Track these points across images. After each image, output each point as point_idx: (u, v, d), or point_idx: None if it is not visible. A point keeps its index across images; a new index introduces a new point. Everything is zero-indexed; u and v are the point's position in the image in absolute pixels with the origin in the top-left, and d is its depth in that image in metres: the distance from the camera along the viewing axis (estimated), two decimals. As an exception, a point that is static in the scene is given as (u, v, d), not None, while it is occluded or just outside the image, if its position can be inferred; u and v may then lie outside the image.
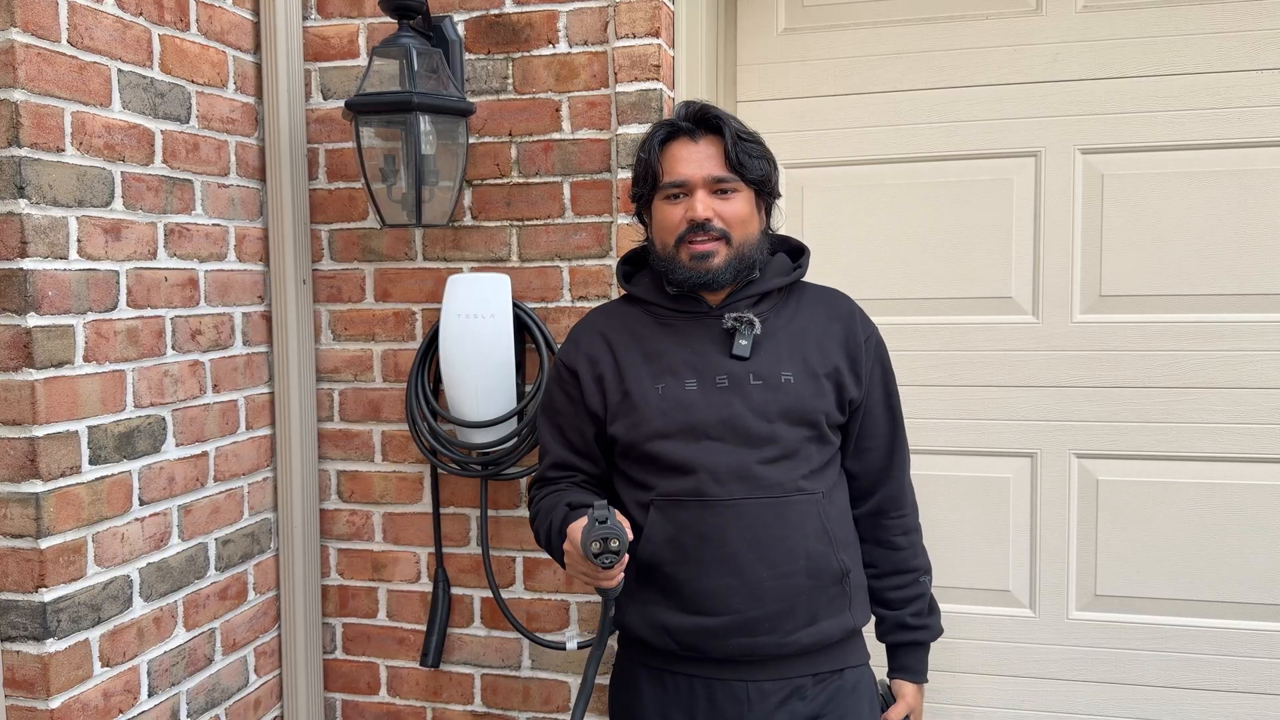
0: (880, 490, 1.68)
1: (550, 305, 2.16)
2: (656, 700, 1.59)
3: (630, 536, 1.43)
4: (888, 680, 1.73)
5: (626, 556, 1.45)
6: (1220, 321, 2.11)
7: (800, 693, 1.55)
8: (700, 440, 1.53)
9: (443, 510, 2.27)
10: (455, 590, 2.28)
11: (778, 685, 1.54)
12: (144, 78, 1.86)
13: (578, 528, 1.47)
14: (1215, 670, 2.16)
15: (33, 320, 1.63)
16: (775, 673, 1.54)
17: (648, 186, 1.60)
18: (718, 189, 1.55)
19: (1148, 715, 2.19)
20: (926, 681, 1.74)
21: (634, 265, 1.74)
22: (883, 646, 1.75)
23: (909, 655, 1.72)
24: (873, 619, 1.71)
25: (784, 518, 1.51)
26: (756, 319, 1.56)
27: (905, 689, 1.71)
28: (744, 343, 1.54)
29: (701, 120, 1.57)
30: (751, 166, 1.55)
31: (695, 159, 1.55)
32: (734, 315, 1.56)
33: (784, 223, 1.72)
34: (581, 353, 1.66)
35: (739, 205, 1.56)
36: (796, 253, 1.70)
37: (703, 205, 1.53)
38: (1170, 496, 2.16)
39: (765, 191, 1.60)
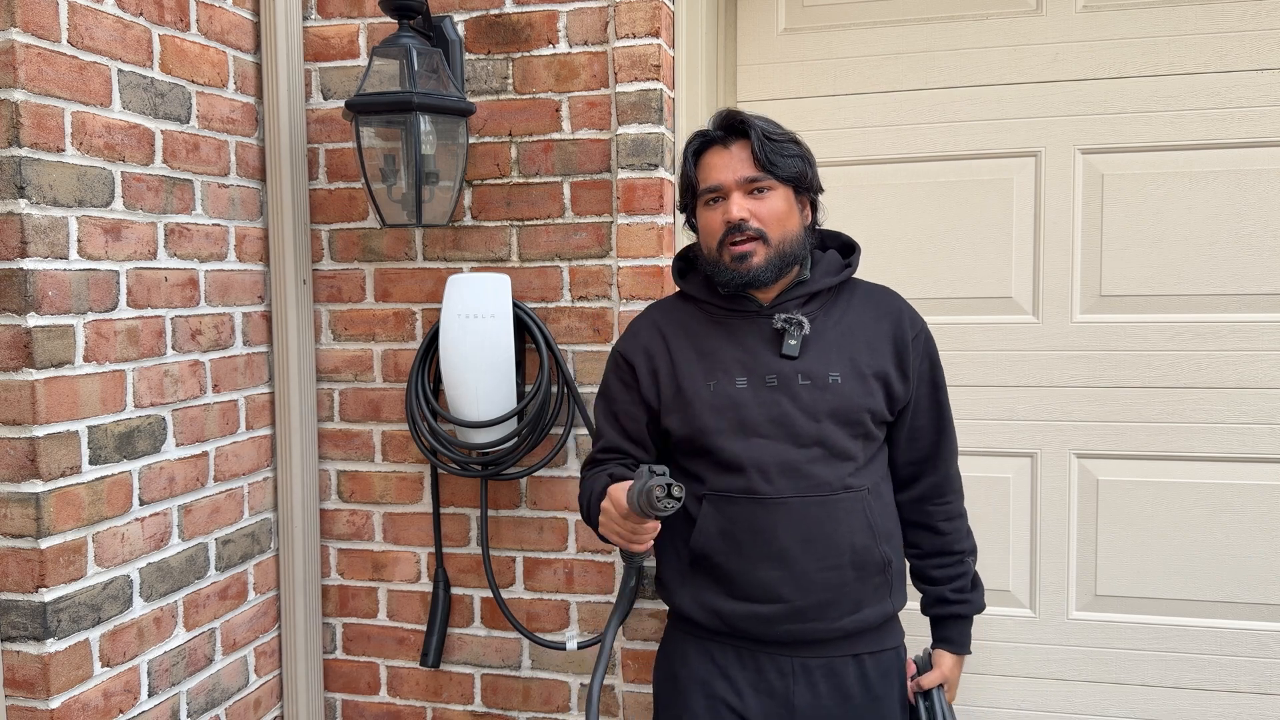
0: (925, 478, 1.73)
1: (550, 305, 2.16)
2: (703, 666, 1.66)
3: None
4: (930, 649, 1.78)
5: (659, 524, 1.53)
6: (1220, 321, 2.11)
7: (841, 669, 1.62)
8: (750, 438, 1.58)
9: (443, 510, 2.27)
10: (455, 590, 2.28)
11: (821, 662, 1.61)
12: (144, 78, 1.86)
13: (620, 488, 1.52)
14: (1215, 670, 2.16)
15: (33, 320, 1.63)
16: (819, 652, 1.61)
17: (690, 196, 1.68)
18: (752, 189, 1.60)
19: (1148, 715, 2.19)
20: (969, 653, 1.78)
21: (687, 262, 1.78)
22: (925, 620, 1.79)
23: (949, 627, 1.77)
24: (914, 596, 1.77)
25: (832, 515, 1.57)
26: (806, 319, 1.61)
27: (944, 659, 1.76)
28: (793, 343, 1.60)
29: (730, 126, 1.62)
30: (783, 164, 1.59)
31: (728, 164, 1.61)
32: (784, 316, 1.61)
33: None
34: (639, 345, 1.72)
35: (775, 203, 1.60)
36: (848, 249, 1.74)
37: (737, 207, 1.59)
38: (1170, 496, 2.16)
39: (803, 188, 1.64)
